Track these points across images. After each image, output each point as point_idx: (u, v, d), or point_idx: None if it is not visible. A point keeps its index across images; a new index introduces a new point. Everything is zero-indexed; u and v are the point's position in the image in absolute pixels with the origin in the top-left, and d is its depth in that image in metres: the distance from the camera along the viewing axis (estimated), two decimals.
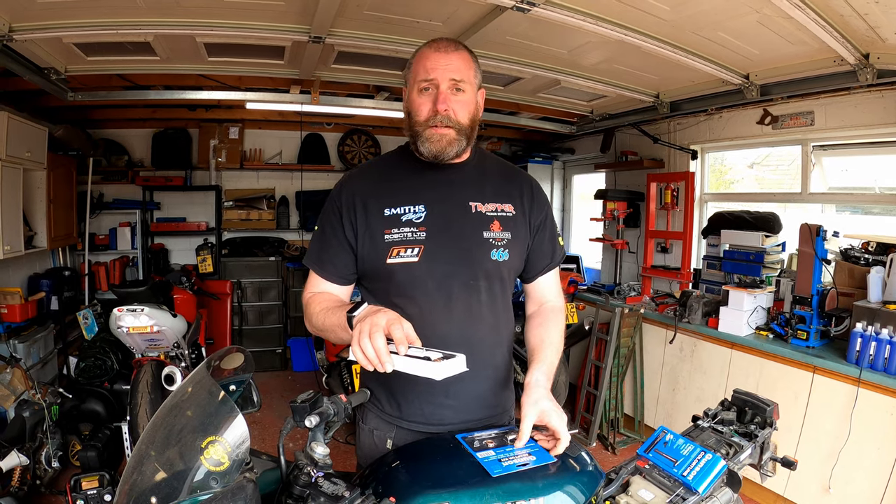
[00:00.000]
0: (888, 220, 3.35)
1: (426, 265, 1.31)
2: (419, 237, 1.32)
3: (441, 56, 1.30)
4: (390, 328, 1.02)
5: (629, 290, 4.10)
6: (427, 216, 1.33)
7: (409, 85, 1.37)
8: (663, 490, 1.34)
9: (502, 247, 1.37)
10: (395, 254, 1.31)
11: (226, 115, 5.17)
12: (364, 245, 1.35)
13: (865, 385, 2.56)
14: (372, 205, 1.35)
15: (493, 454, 1.15)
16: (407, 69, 1.38)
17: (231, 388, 1.12)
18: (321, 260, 1.41)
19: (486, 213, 1.38)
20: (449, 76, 1.29)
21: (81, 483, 2.55)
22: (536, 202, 1.47)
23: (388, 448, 1.39)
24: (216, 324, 4.89)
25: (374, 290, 1.40)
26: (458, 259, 1.33)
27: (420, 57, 1.33)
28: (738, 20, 2.38)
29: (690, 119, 4.05)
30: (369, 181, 1.41)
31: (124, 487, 0.94)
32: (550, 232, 1.49)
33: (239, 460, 0.88)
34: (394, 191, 1.37)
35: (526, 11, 2.22)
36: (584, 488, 1.17)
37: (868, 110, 3.01)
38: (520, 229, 1.42)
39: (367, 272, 1.39)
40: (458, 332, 1.33)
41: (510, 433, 1.24)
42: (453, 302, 1.33)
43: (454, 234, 1.34)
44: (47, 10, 2.35)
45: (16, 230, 3.49)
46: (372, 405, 1.43)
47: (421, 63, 1.32)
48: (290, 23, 2.60)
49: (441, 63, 1.29)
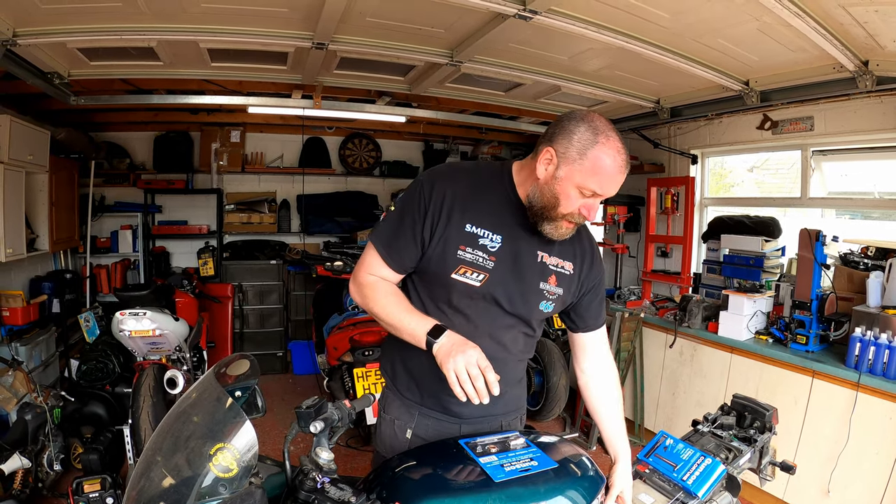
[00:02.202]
0: (887, 224, 3.37)
1: (484, 292, 1.37)
2: (488, 265, 1.35)
3: (618, 177, 1.26)
4: (485, 371, 1.19)
5: (629, 294, 4.11)
6: (500, 248, 1.36)
7: (567, 169, 1.26)
8: (663, 494, 1.35)
9: (552, 301, 1.44)
10: (461, 272, 1.35)
11: (228, 119, 5.18)
12: (435, 249, 1.36)
13: (864, 389, 2.57)
14: (456, 215, 1.35)
15: (496, 459, 1.17)
16: (572, 150, 1.24)
17: (237, 394, 1.13)
18: (390, 246, 1.39)
19: (549, 265, 1.42)
20: (611, 193, 1.29)
21: (83, 486, 2.57)
22: (595, 267, 1.53)
23: (406, 438, 1.45)
24: (217, 327, 4.90)
25: (424, 290, 1.43)
26: (512, 299, 1.40)
27: (599, 164, 1.23)
28: (738, 28, 2.40)
29: (691, 124, 4.07)
30: (462, 188, 1.38)
31: (132, 493, 0.95)
32: (601, 295, 1.57)
33: (247, 466, 0.89)
34: (481, 211, 1.37)
35: (528, 19, 2.24)
36: (585, 493, 1.18)
37: (867, 116, 3.03)
38: (571, 287, 1.48)
39: (427, 273, 1.40)
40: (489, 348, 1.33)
41: (512, 438, 1.26)
42: (494, 329, 1.41)
43: (517, 275, 1.39)
44: (51, 15, 2.36)
45: (18, 233, 3.49)
46: (392, 390, 1.50)
47: (596, 173, 1.24)
48: (293, 29, 2.61)
49: (615, 184, 1.27)
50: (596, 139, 1.23)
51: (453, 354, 1.20)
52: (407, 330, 1.31)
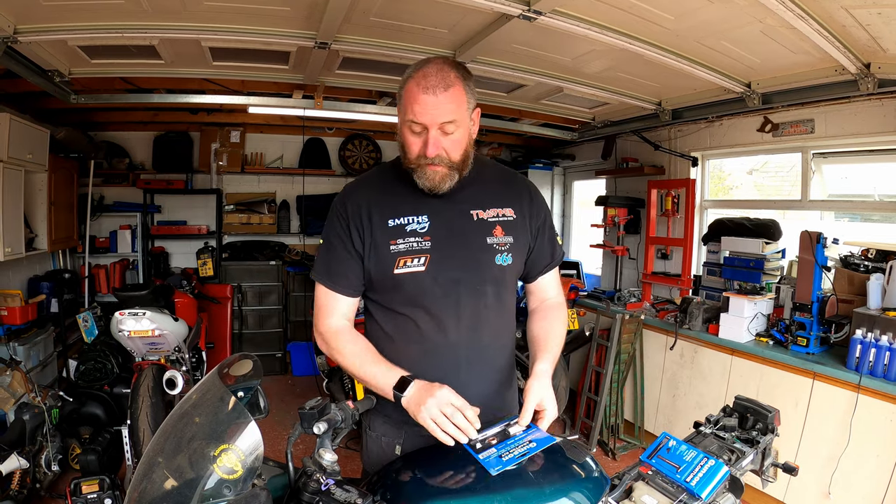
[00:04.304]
0: (888, 227, 3.37)
1: (433, 273, 1.33)
2: (425, 246, 1.34)
3: (430, 98, 1.23)
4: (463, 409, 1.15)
5: (629, 296, 4.11)
6: (431, 226, 1.35)
7: (399, 116, 1.32)
8: (666, 496, 1.34)
9: (506, 251, 1.40)
10: (401, 264, 1.33)
11: (227, 119, 5.17)
12: (370, 257, 1.36)
13: (865, 391, 2.57)
14: (376, 216, 1.36)
15: (495, 451, 1.16)
16: (398, 100, 1.32)
17: (239, 395, 1.12)
18: (331, 273, 1.40)
19: (487, 219, 1.40)
20: (438, 121, 1.25)
21: (81, 487, 2.56)
22: (535, 205, 1.49)
23: (396, 454, 1.40)
24: (216, 328, 4.88)
25: (381, 301, 1.41)
26: (464, 266, 1.36)
27: (409, 95, 1.26)
28: (741, 30, 2.40)
29: (691, 126, 4.07)
30: (371, 193, 1.41)
31: (133, 495, 0.94)
32: (550, 233, 1.53)
33: (252, 468, 0.88)
34: (396, 202, 1.38)
35: (532, 20, 2.24)
36: (590, 494, 1.18)
37: (868, 119, 3.03)
38: (521, 233, 1.44)
39: (374, 283, 1.39)
40: (467, 337, 1.36)
41: (511, 425, 1.26)
42: (461, 308, 1.36)
43: (459, 242, 1.36)
44: (52, 12, 2.35)
45: (17, 232, 3.48)
46: (378, 411, 1.43)
47: (409, 103, 1.25)
48: (296, 28, 2.60)
49: (430, 107, 1.23)
50: (409, 75, 1.27)
51: (424, 402, 1.16)
52: (373, 384, 1.30)
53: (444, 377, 1.26)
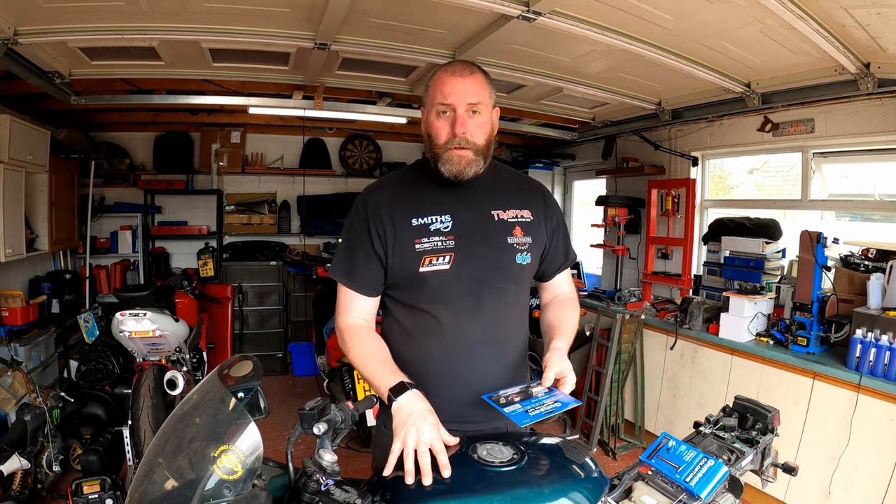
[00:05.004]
0: (888, 226, 3.37)
1: (457, 271, 1.38)
2: (449, 245, 1.38)
3: (458, 80, 1.34)
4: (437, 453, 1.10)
5: (630, 296, 4.11)
6: (454, 225, 1.40)
7: (427, 107, 1.41)
8: (666, 496, 1.35)
9: (525, 251, 1.46)
10: (427, 262, 1.37)
11: (228, 120, 5.18)
12: (395, 256, 1.39)
13: (865, 391, 2.57)
14: (398, 216, 1.39)
15: (520, 407, 1.18)
16: (424, 92, 1.42)
17: (239, 396, 1.13)
18: (350, 272, 1.43)
19: (507, 219, 1.46)
20: (466, 100, 1.34)
21: (83, 487, 2.56)
22: (549, 207, 1.56)
23: None
24: (217, 328, 4.89)
25: (402, 299, 1.44)
26: (487, 264, 1.41)
27: (437, 81, 1.37)
28: (740, 30, 2.40)
29: (691, 126, 4.07)
30: (392, 193, 1.45)
31: (134, 496, 0.95)
32: (564, 233, 1.59)
33: (252, 469, 0.89)
34: (418, 203, 1.42)
35: (531, 21, 2.24)
36: (589, 494, 1.18)
37: (868, 118, 3.03)
38: (538, 234, 1.50)
39: (398, 282, 1.42)
40: (486, 333, 1.41)
41: (533, 386, 1.29)
42: (483, 305, 1.41)
43: (481, 241, 1.41)
44: (52, 13, 2.36)
45: (17, 233, 3.48)
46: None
47: (438, 87, 1.36)
48: (296, 29, 2.60)
49: (458, 88, 1.33)
50: (435, 72, 1.39)
51: (408, 428, 1.14)
52: (373, 382, 1.31)
53: (460, 371, 1.34)
